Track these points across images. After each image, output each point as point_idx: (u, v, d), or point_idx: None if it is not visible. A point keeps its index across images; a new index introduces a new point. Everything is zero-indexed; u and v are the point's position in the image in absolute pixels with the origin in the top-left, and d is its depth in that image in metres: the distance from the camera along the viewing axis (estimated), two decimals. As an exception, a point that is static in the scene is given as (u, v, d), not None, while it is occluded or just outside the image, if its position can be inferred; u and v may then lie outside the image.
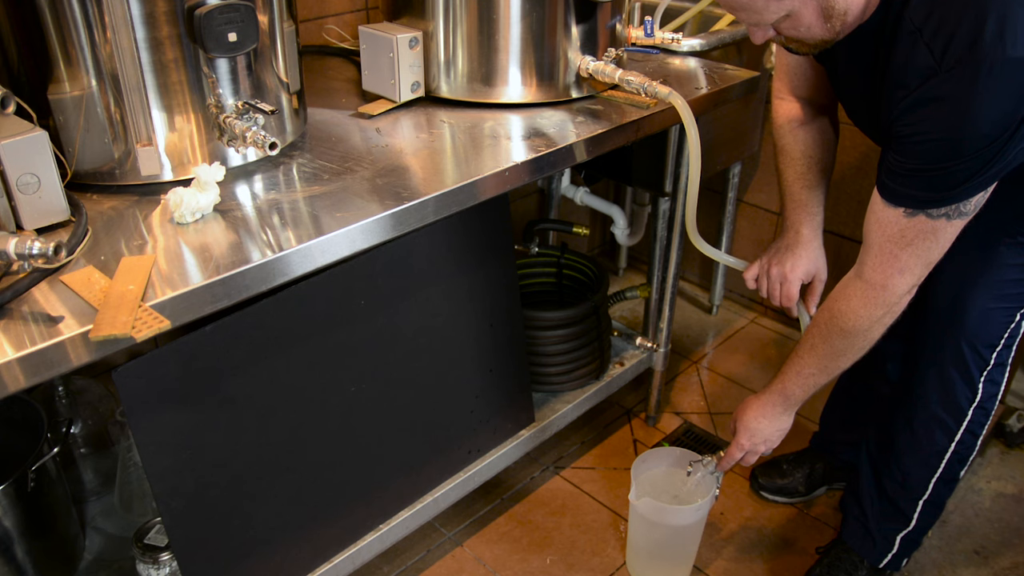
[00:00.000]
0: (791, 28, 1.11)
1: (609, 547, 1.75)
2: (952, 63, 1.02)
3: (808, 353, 1.34)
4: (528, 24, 1.41)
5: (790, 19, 1.09)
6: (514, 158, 1.29)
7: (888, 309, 1.23)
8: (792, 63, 1.41)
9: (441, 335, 1.52)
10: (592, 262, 1.97)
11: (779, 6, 1.07)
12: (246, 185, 1.20)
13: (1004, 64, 0.99)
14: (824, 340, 1.30)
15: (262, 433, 1.29)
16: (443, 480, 1.60)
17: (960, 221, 1.13)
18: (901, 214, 1.15)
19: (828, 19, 1.09)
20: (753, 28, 1.14)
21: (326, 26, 1.80)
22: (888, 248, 1.18)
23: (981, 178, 1.08)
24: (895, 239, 1.17)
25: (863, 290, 1.23)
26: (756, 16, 1.10)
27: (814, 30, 1.11)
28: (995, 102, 1.01)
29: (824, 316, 1.30)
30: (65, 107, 1.10)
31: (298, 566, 1.40)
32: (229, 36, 1.11)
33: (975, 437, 1.43)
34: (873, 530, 1.56)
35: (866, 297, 1.23)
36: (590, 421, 2.07)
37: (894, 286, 1.20)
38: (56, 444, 1.37)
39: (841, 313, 1.26)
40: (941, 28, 1.03)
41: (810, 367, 1.34)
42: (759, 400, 1.44)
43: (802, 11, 1.08)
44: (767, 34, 1.14)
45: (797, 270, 1.48)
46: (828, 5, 1.07)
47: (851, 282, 1.26)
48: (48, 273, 0.97)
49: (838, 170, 2.16)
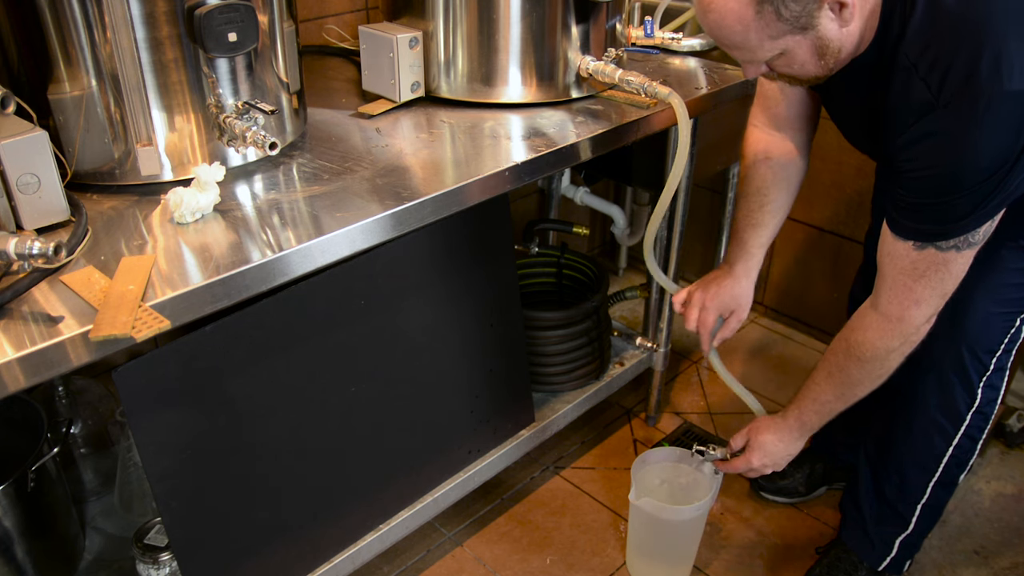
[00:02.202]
0: (785, 65, 1.11)
1: (609, 547, 1.75)
2: (949, 98, 1.02)
3: (825, 381, 1.34)
4: (528, 24, 1.41)
5: (784, 56, 1.09)
6: (514, 158, 1.29)
7: (905, 339, 1.23)
8: (775, 94, 1.40)
9: (441, 335, 1.52)
10: (592, 262, 1.97)
11: (773, 45, 1.07)
12: (246, 185, 1.20)
13: (1001, 98, 1.00)
14: (841, 369, 1.30)
15: (262, 433, 1.29)
16: (443, 480, 1.60)
17: (970, 251, 1.13)
18: (911, 247, 1.15)
19: (822, 57, 1.09)
20: (747, 64, 1.14)
21: (326, 26, 1.80)
22: (901, 280, 1.18)
23: (985, 209, 1.08)
24: (907, 272, 1.17)
25: (879, 322, 1.23)
26: (749, 54, 1.10)
27: (808, 67, 1.11)
28: (993, 136, 1.02)
29: (841, 345, 1.30)
30: (65, 107, 1.10)
31: (298, 566, 1.40)
32: (229, 36, 1.11)
33: (974, 442, 1.42)
34: (871, 533, 1.56)
35: (882, 329, 1.23)
36: (590, 421, 2.07)
37: (910, 318, 1.20)
38: (56, 444, 1.37)
39: (858, 344, 1.26)
40: (936, 63, 1.03)
41: (827, 395, 1.34)
42: (775, 423, 1.43)
43: (796, 50, 1.07)
44: (760, 70, 1.14)
45: (715, 300, 1.49)
46: (822, 44, 1.07)
47: (867, 313, 1.26)
48: (48, 273, 0.97)
49: (838, 170, 2.17)
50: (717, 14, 1.05)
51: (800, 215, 2.31)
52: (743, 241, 1.48)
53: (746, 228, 1.47)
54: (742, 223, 1.48)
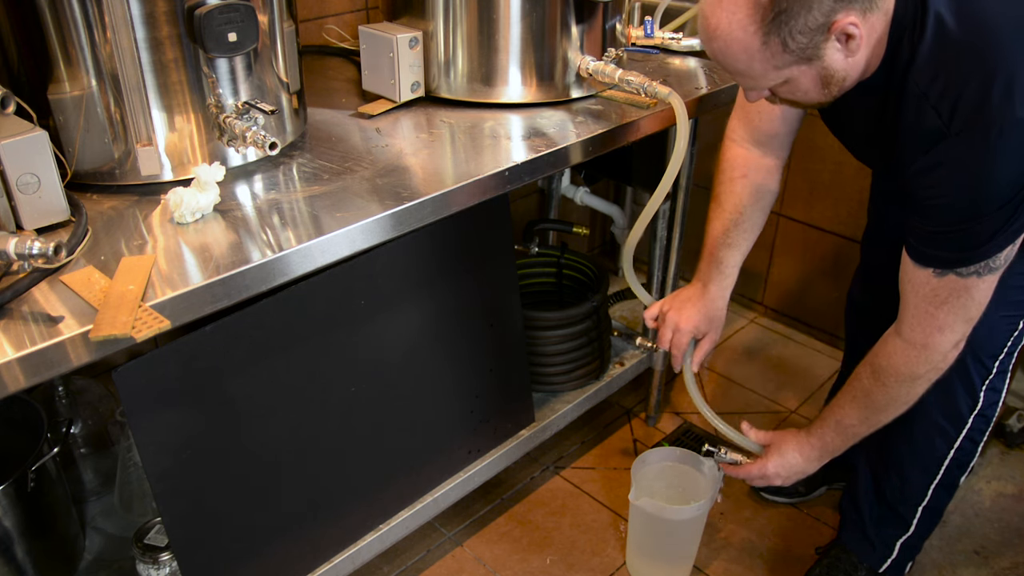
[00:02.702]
0: (788, 92, 1.10)
1: (609, 547, 1.75)
2: (961, 126, 1.01)
3: (850, 404, 1.31)
4: (528, 24, 1.41)
5: (788, 84, 1.07)
6: (514, 158, 1.29)
7: (932, 367, 1.21)
8: (757, 110, 1.37)
9: (441, 335, 1.52)
10: (592, 262, 1.97)
11: (778, 74, 1.05)
12: (246, 185, 1.20)
13: (1014, 125, 0.99)
14: (867, 394, 1.28)
15: (262, 433, 1.29)
16: (443, 480, 1.60)
17: (992, 276, 1.12)
18: (931, 274, 1.13)
19: (826, 86, 1.07)
20: (749, 90, 1.13)
21: (326, 26, 1.80)
22: (924, 307, 1.16)
23: (1005, 234, 1.07)
24: (929, 298, 1.15)
25: (904, 349, 1.21)
26: (753, 82, 1.08)
27: (811, 95, 1.09)
28: (1009, 163, 1.01)
29: (866, 371, 1.28)
30: (65, 107, 1.10)
31: (298, 566, 1.40)
32: (229, 36, 1.11)
33: (975, 444, 1.42)
34: (871, 535, 1.56)
35: (908, 356, 1.21)
36: (590, 421, 2.07)
37: (936, 344, 1.18)
38: (56, 444, 1.37)
39: (883, 370, 1.24)
40: (947, 91, 1.02)
41: (851, 418, 1.32)
42: (799, 438, 1.40)
43: (801, 79, 1.06)
44: (762, 95, 1.13)
45: (690, 323, 1.47)
46: (827, 74, 1.05)
47: (892, 339, 1.23)
48: (48, 273, 0.97)
49: (838, 170, 2.17)
50: (722, 42, 1.04)
51: (800, 215, 2.31)
52: (719, 260, 1.45)
53: (722, 247, 1.45)
54: (717, 241, 1.45)
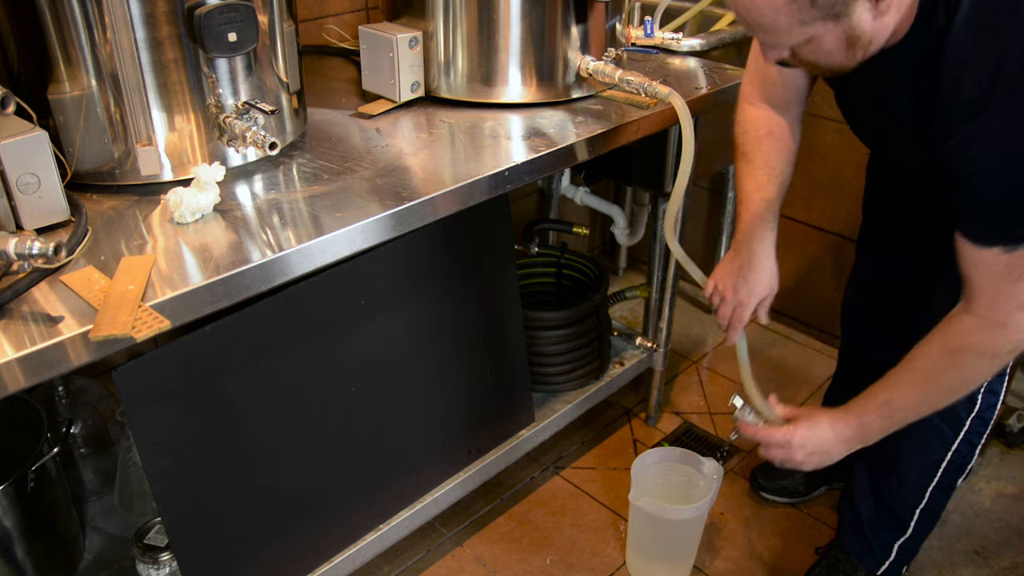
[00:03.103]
0: (810, 53, 1.06)
1: (609, 547, 1.75)
2: (1004, 92, 0.99)
3: (908, 386, 1.22)
4: (528, 24, 1.41)
5: (811, 44, 1.04)
6: (514, 158, 1.29)
7: (1016, 345, 1.14)
8: (772, 76, 1.35)
9: (441, 335, 1.52)
10: (592, 262, 1.97)
11: (802, 31, 1.01)
12: (246, 185, 1.20)
13: None
14: (935, 374, 1.20)
15: (262, 433, 1.29)
16: (443, 480, 1.60)
17: None
18: (999, 252, 1.08)
19: (851, 47, 1.04)
20: (769, 48, 1.09)
21: (326, 26, 1.80)
22: (999, 286, 1.11)
23: None
24: (1003, 277, 1.10)
25: (981, 328, 1.15)
26: (775, 38, 1.05)
27: (834, 56, 1.06)
28: None
29: (937, 351, 1.20)
30: (65, 107, 1.10)
31: (298, 566, 1.40)
32: (229, 36, 1.11)
33: (973, 446, 1.41)
34: (869, 536, 1.56)
35: (987, 335, 1.15)
36: (590, 421, 2.07)
37: (1016, 322, 1.12)
38: (56, 444, 1.37)
39: (959, 350, 1.17)
40: (987, 56, 0.99)
41: (905, 400, 1.22)
42: (833, 415, 1.28)
43: (825, 37, 1.02)
44: (782, 55, 1.09)
45: (754, 296, 1.42)
46: (854, 34, 1.02)
47: (963, 319, 1.16)
48: (48, 273, 0.97)
49: (838, 170, 2.17)
50: None
51: (800, 215, 2.31)
52: (760, 216, 1.37)
53: (760, 202, 1.37)
54: (754, 197, 1.38)
